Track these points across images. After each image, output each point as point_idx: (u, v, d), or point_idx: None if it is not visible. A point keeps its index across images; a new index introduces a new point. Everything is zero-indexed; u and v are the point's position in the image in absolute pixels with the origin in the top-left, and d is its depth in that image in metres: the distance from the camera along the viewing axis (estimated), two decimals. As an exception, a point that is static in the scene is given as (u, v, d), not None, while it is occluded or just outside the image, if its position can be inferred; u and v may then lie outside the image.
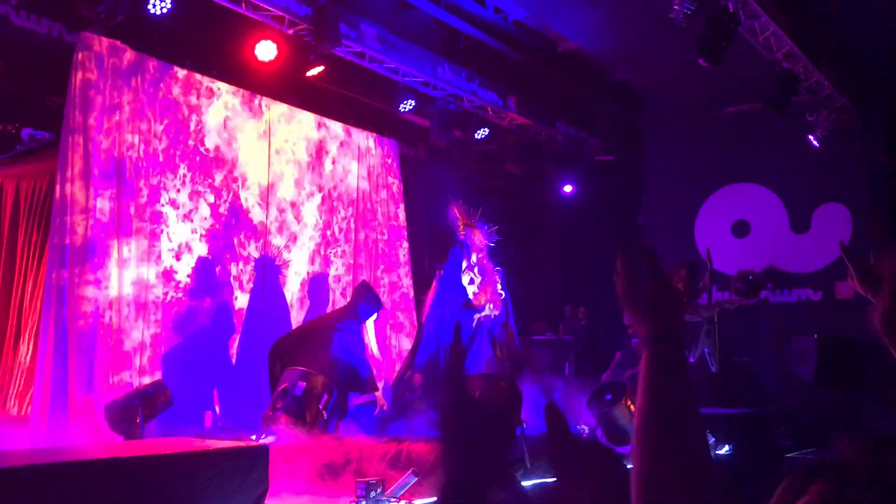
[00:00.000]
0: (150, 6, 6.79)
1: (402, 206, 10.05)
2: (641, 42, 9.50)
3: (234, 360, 7.75)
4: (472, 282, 7.06)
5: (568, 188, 12.15)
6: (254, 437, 5.92)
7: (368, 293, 7.41)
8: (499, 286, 7.20)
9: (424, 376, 6.90)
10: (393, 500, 4.58)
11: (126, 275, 6.86)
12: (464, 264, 7.08)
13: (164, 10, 6.84)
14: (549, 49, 10.07)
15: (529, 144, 11.68)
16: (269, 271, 8.19)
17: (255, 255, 8.08)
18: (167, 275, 7.28)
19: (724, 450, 7.17)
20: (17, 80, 7.37)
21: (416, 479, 4.71)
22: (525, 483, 5.24)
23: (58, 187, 6.59)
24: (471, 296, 7.04)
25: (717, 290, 10.82)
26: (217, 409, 7.47)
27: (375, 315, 7.62)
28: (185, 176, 7.50)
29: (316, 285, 8.67)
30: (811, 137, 10.12)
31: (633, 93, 11.65)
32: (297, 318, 8.35)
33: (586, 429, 7.06)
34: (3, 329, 7.87)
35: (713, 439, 7.07)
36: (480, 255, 7.16)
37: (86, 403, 6.32)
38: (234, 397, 7.58)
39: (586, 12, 8.87)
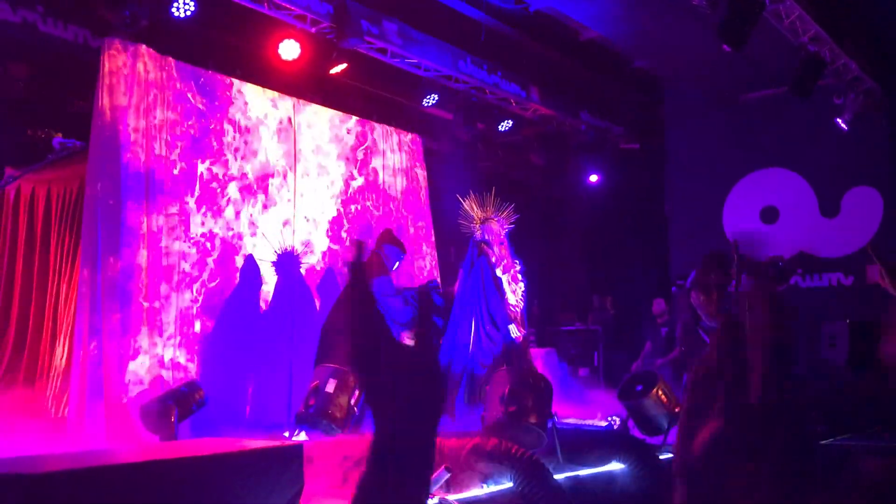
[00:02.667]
0: (173, 9, 6.88)
1: (427, 200, 10.07)
2: (662, 29, 9.43)
3: (265, 357, 7.80)
4: (510, 282, 7.02)
5: (594, 178, 12.12)
6: (287, 435, 5.99)
7: (390, 238, 7.47)
8: (519, 277, 7.19)
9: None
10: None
11: (157, 277, 6.94)
12: (493, 259, 7.05)
13: (188, 13, 6.92)
14: (570, 39, 10.03)
15: (553, 135, 11.67)
16: (294, 266, 8.24)
17: (281, 249, 8.13)
18: (197, 277, 7.35)
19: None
20: (47, 86, 7.49)
21: (450, 474, 4.74)
22: (557, 476, 5.25)
23: (88, 192, 6.67)
24: (512, 301, 6.98)
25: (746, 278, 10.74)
26: (248, 407, 7.54)
27: (398, 263, 7.62)
28: (212, 176, 7.57)
29: (338, 280, 8.70)
30: (839, 120, 10.01)
31: (656, 80, 11.59)
32: (327, 314, 8.39)
33: (618, 420, 7.05)
34: (39, 331, 8.00)
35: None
36: (502, 247, 7.15)
37: (121, 405, 6.41)
38: (266, 394, 7.64)
39: (607, 1, 8.83)
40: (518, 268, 7.22)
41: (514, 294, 6.93)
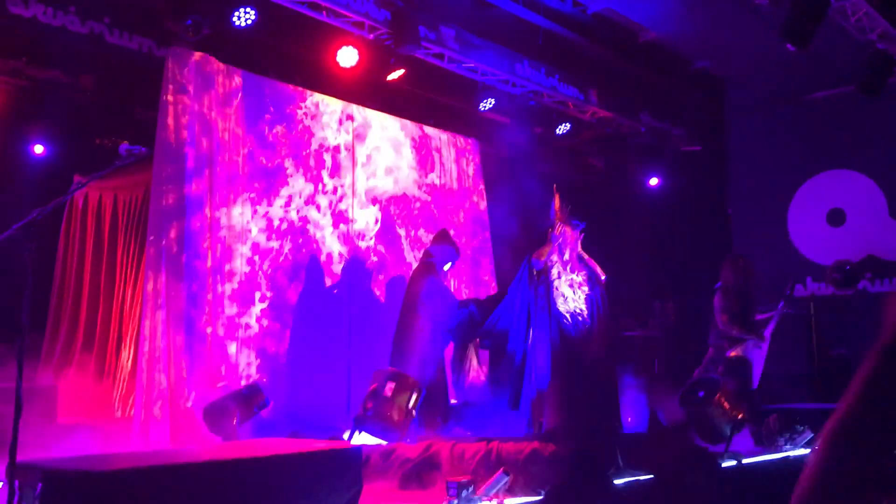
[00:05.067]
0: (234, 18, 6.98)
1: (484, 204, 10.06)
2: (724, 28, 9.26)
3: (323, 359, 7.87)
4: (570, 283, 6.93)
5: (654, 181, 11.95)
6: (346, 437, 6.02)
7: (445, 238, 7.48)
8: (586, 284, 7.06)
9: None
10: (485, 499, 4.60)
11: (221, 278, 7.06)
12: (556, 263, 6.95)
13: (249, 22, 7.02)
14: (629, 40, 9.91)
15: (612, 137, 11.53)
16: (357, 273, 8.31)
17: (348, 254, 8.20)
18: (259, 280, 7.46)
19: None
20: (113, 95, 7.69)
21: (508, 478, 4.72)
22: (617, 481, 5.19)
23: (153, 199, 6.82)
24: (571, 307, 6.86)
25: (812, 282, 10.50)
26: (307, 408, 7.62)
27: (451, 264, 7.58)
28: (274, 182, 7.68)
29: (399, 285, 8.74)
30: (909, 120, 9.71)
31: (717, 80, 11.38)
32: (385, 317, 8.44)
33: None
34: (106, 334, 8.22)
35: (811, 434, 6.86)
36: (573, 253, 7.06)
37: (184, 406, 6.53)
38: (324, 396, 7.71)
39: (666, 1, 8.71)
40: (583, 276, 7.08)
41: (576, 302, 6.81)
